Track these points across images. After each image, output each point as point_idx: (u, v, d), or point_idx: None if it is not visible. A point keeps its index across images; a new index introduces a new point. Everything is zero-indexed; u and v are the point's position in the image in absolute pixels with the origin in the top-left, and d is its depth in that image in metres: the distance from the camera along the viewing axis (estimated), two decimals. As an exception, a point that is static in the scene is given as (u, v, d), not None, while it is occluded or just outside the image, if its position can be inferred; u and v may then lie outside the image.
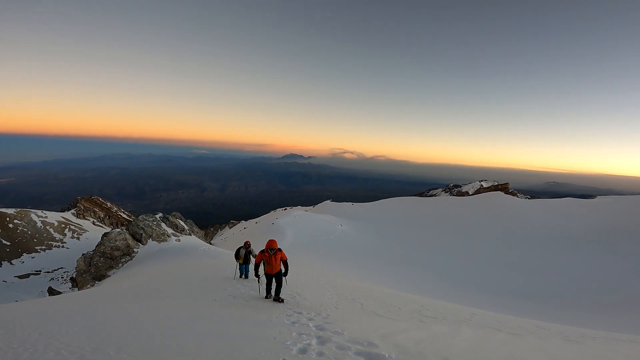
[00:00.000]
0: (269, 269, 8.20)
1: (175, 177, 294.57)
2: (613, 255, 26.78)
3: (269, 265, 8.15)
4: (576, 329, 9.28)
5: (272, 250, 8.09)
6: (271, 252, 8.08)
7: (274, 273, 8.27)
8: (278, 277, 8.31)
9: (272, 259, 8.09)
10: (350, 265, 24.71)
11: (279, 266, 8.26)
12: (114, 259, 22.26)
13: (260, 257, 8.36)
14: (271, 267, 8.15)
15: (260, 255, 8.32)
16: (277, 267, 8.22)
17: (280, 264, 8.32)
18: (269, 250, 8.12)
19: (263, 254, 8.22)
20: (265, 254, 8.18)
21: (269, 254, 8.11)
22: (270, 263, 8.13)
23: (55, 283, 28.30)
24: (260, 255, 8.32)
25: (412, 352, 4.16)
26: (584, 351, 5.59)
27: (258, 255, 8.42)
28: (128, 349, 4.15)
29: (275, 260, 8.13)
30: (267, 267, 8.19)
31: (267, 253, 8.13)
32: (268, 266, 8.17)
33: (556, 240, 31.70)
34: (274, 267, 8.16)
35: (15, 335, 4.93)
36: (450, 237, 35.72)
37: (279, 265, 8.26)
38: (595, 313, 17.46)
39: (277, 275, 8.31)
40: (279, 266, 8.26)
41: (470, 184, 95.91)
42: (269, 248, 8.12)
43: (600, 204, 39.33)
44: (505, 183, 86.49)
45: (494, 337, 5.87)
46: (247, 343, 4.48)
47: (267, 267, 8.20)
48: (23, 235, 37.83)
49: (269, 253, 8.11)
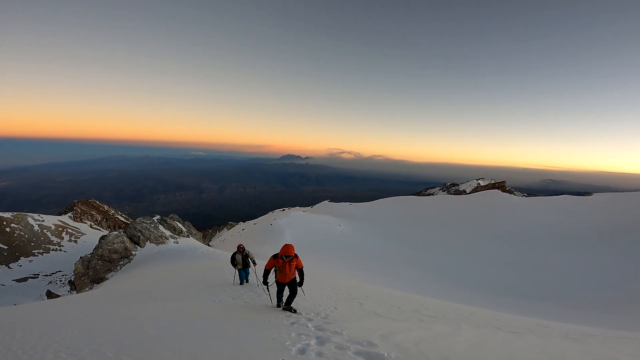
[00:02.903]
0: (281, 277, 7.20)
1: (172, 179, 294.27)
2: (611, 253, 26.89)
3: (282, 273, 7.13)
4: (576, 327, 9.31)
5: (287, 257, 7.02)
6: (286, 259, 7.04)
7: (286, 282, 7.27)
8: (292, 286, 7.31)
9: (286, 266, 7.06)
10: (349, 265, 24.72)
11: (293, 274, 7.25)
12: (112, 261, 22.17)
13: (272, 263, 7.27)
14: (284, 275, 7.15)
15: (273, 262, 7.24)
16: (291, 275, 7.23)
17: (295, 273, 7.34)
18: (284, 257, 7.04)
19: (276, 260, 7.17)
20: (278, 261, 7.12)
21: (283, 260, 7.06)
22: (283, 271, 7.10)
23: (53, 286, 28.16)
24: (273, 261, 7.24)
25: (412, 352, 4.16)
26: (584, 349, 5.60)
27: (269, 261, 7.31)
28: (127, 350, 4.13)
29: (289, 268, 7.11)
30: (280, 275, 7.18)
31: (282, 260, 7.08)
32: (280, 274, 7.17)
33: (554, 238, 31.81)
34: (287, 276, 7.17)
35: (14, 338, 4.90)
36: (448, 235, 35.79)
37: (294, 273, 7.26)
38: (595, 311, 17.52)
39: (291, 284, 7.30)
40: (293, 274, 7.25)
41: (467, 183, 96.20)
42: (285, 255, 7.02)
43: (597, 201, 39.51)
44: (502, 181, 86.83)
45: (494, 336, 5.88)
46: (246, 343, 4.47)
47: (279, 275, 7.20)
48: (20, 239, 37.60)
49: (283, 260, 7.06)
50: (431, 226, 39.73)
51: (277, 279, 7.26)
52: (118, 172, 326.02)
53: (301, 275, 7.42)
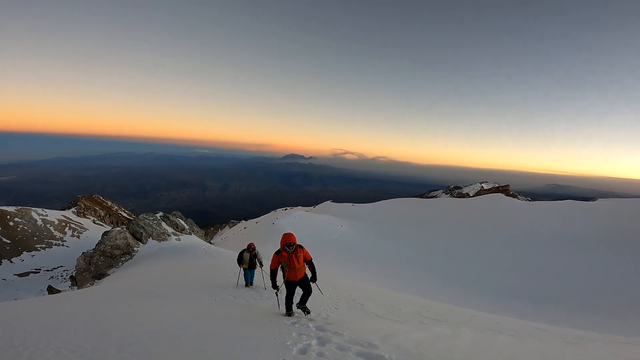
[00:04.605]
0: (290, 274, 6.22)
1: (176, 177, 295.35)
2: (615, 259, 26.70)
3: (291, 268, 6.17)
4: (576, 331, 9.25)
5: (290, 246, 6.12)
6: (290, 250, 6.14)
7: (298, 279, 6.30)
8: (305, 283, 6.37)
9: (292, 259, 6.13)
10: (351, 266, 24.72)
11: (303, 268, 6.32)
12: (114, 257, 22.28)
13: (276, 260, 6.32)
14: (294, 271, 6.19)
15: (277, 258, 6.30)
16: (302, 269, 6.29)
17: (305, 266, 6.42)
18: (287, 247, 6.14)
19: (280, 256, 6.24)
20: (282, 255, 6.19)
21: (287, 252, 6.15)
22: (291, 266, 6.15)
23: (55, 281, 28.32)
24: (277, 257, 6.30)
25: (412, 354, 4.14)
26: (584, 354, 5.56)
27: (273, 259, 6.36)
28: (129, 348, 4.15)
29: (297, 260, 6.18)
30: (289, 271, 6.21)
31: (285, 252, 6.16)
32: (289, 270, 6.20)
33: (557, 242, 31.62)
34: (297, 271, 6.21)
35: (15, 334, 4.93)
36: (450, 238, 35.68)
37: (303, 266, 6.33)
38: (595, 315, 17.42)
39: (303, 281, 6.36)
40: (303, 268, 6.32)
41: (470, 186, 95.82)
42: (286, 244, 6.12)
43: (602, 206, 39.22)
44: (506, 185, 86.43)
45: (494, 339, 5.85)
46: (247, 343, 4.47)
47: (289, 272, 6.21)
48: (23, 233, 37.88)
49: (286, 252, 6.15)
50: (434, 228, 39.62)
51: (287, 277, 6.28)
52: (123, 168, 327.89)
53: (312, 268, 6.53)
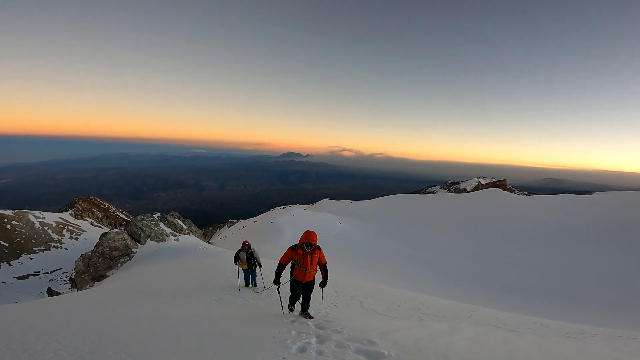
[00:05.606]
0: (300, 273, 5.77)
1: (173, 177, 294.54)
2: (612, 252, 26.90)
3: (302, 268, 5.69)
4: (575, 325, 9.32)
5: (309, 245, 5.62)
6: (308, 249, 5.64)
7: (305, 281, 5.83)
8: (308, 290, 5.96)
9: (307, 259, 5.64)
10: (349, 263, 24.74)
11: (314, 271, 5.81)
12: (112, 259, 22.21)
13: (289, 255, 5.81)
14: (304, 271, 5.71)
15: (291, 253, 5.79)
16: (313, 271, 5.78)
17: (317, 269, 5.90)
18: (305, 247, 5.63)
19: (295, 252, 5.75)
20: (298, 252, 5.70)
21: (303, 251, 5.65)
22: (303, 265, 5.66)
23: (54, 284, 28.24)
24: (291, 252, 5.79)
25: (411, 350, 4.16)
26: (583, 348, 5.60)
27: (287, 253, 5.85)
28: (127, 349, 4.14)
29: (311, 261, 5.67)
30: (299, 270, 5.75)
31: (302, 250, 5.66)
32: (300, 270, 5.73)
33: (554, 236, 31.82)
34: (307, 272, 5.72)
35: (14, 336, 4.90)
36: (448, 234, 35.82)
37: (315, 269, 5.82)
38: (594, 309, 17.55)
39: (308, 287, 5.94)
40: (314, 271, 5.81)
41: (468, 181, 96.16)
42: (306, 243, 5.60)
43: (598, 200, 39.50)
44: (503, 180, 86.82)
45: (493, 335, 5.88)
46: (246, 342, 4.47)
47: (298, 272, 5.77)
48: (21, 236, 37.67)
49: (303, 250, 5.65)
50: (431, 224, 39.76)
51: (295, 276, 5.86)
52: (118, 170, 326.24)
53: (324, 273, 6.04)
